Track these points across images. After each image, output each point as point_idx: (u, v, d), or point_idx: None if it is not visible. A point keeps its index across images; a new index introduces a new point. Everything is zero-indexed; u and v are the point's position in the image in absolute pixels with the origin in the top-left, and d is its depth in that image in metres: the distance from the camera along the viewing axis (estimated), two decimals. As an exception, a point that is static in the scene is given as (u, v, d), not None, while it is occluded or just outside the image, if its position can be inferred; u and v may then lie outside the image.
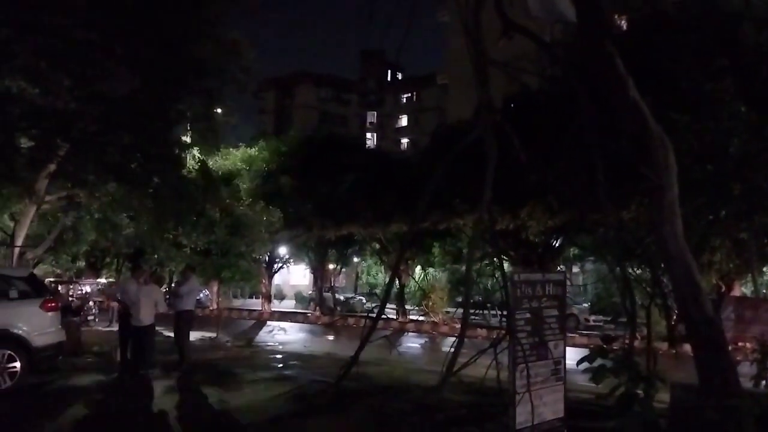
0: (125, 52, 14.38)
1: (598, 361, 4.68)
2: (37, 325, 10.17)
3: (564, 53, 11.07)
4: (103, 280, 29.16)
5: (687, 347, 6.47)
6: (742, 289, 23.63)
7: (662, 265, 6.58)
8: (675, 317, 10.64)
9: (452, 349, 7.13)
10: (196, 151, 21.30)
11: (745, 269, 14.92)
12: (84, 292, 23.42)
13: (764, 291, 26.13)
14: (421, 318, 29.39)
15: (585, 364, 5.11)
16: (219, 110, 18.45)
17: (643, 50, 17.23)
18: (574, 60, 9.40)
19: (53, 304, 10.68)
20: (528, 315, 7.23)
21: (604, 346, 4.83)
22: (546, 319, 7.44)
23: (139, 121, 15.07)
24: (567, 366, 7.54)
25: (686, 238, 6.59)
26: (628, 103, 5.64)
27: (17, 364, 9.83)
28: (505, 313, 7.23)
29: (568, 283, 27.53)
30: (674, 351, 6.37)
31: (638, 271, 11.58)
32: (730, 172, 9.59)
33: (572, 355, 7.07)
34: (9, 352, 9.75)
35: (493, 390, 8.09)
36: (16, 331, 9.91)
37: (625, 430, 4.42)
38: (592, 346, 4.79)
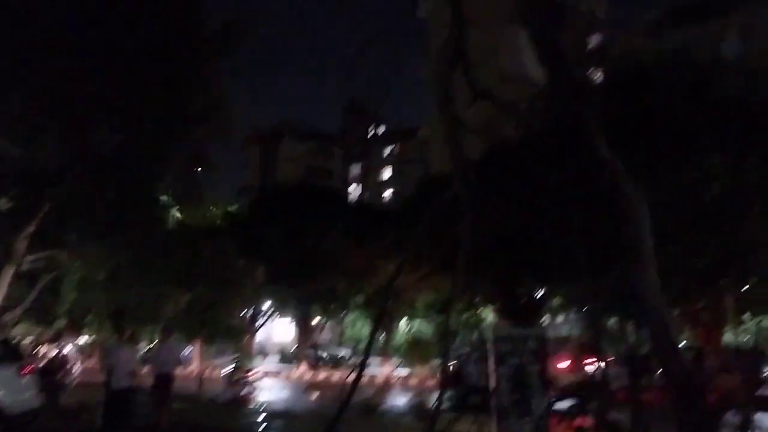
0: (111, 107, 14.53)
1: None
2: (12, 390, 9.95)
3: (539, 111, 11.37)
4: (84, 339, 28.62)
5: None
6: (729, 335, 23.75)
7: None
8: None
9: (435, 405, 7.08)
10: (176, 210, 21.27)
11: (725, 319, 15.01)
12: (64, 352, 22.92)
13: (748, 338, 26.21)
14: (406, 371, 29.06)
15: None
16: (200, 169, 18.50)
17: (622, 101, 17.76)
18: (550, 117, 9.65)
19: (29, 369, 10.49)
20: (510, 371, 7.25)
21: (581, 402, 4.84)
22: (528, 374, 7.46)
23: (122, 179, 15.13)
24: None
25: (666, 287, 6.65)
26: (600, 161, 5.82)
27: (-8, 432, 9.60)
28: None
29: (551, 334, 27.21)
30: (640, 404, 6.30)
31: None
32: (705, 222, 9.78)
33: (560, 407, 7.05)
34: (-17, 418, 9.53)
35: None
36: (-9, 397, 9.70)
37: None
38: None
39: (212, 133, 17.53)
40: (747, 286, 11.19)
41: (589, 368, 17.27)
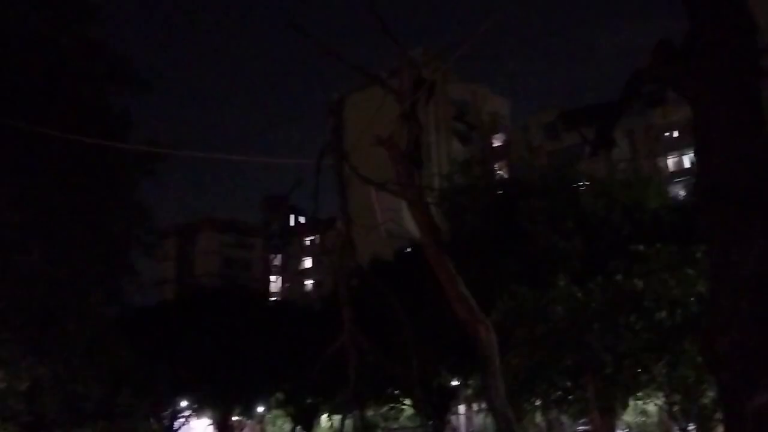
0: (39, 226, 15.66)
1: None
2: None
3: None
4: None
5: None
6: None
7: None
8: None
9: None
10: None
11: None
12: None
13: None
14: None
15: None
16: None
17: (507, 213, 20.44)
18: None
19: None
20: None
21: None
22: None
23: (53, 295, 16.03)
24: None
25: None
26: (458, 297, 7.75)
27: None
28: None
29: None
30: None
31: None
32: (561, 331, 11.98)
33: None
34: None
35: None
36: None
37: None
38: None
39: (133, 241, 18.88)
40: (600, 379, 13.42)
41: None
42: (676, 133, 53.29)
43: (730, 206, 3.86)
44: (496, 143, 67.69)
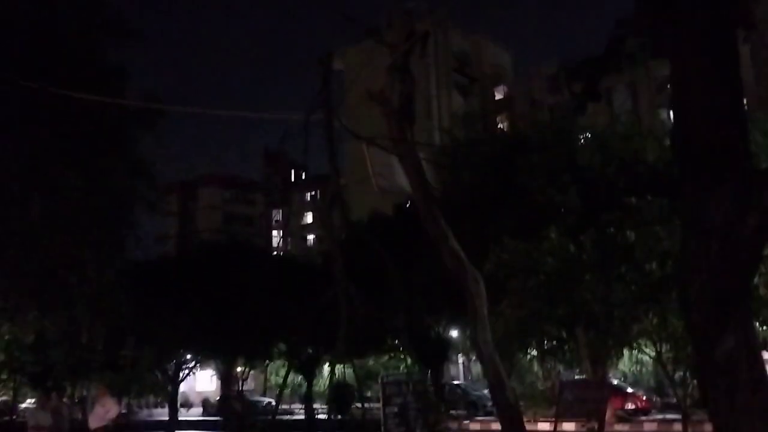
0: (40, 179, 15.79)
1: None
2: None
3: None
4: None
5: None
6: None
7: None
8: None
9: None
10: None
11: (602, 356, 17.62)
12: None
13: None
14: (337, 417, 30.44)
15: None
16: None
17: (505, 167, 20.48)
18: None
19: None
20: (396, 410, 9.19)
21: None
22: (411, 412, 9.41)
23: (54, 247, 16.25)
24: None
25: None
26: (449, 251, 7.91)
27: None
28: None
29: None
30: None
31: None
32: (554, 282, 12.22)
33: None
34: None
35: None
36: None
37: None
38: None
39: (136, 197, 18.99)
40: (593, 332, 13.76)
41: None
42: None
43: (701, 159, 3.96)
44: (498, 96, 66.89)
